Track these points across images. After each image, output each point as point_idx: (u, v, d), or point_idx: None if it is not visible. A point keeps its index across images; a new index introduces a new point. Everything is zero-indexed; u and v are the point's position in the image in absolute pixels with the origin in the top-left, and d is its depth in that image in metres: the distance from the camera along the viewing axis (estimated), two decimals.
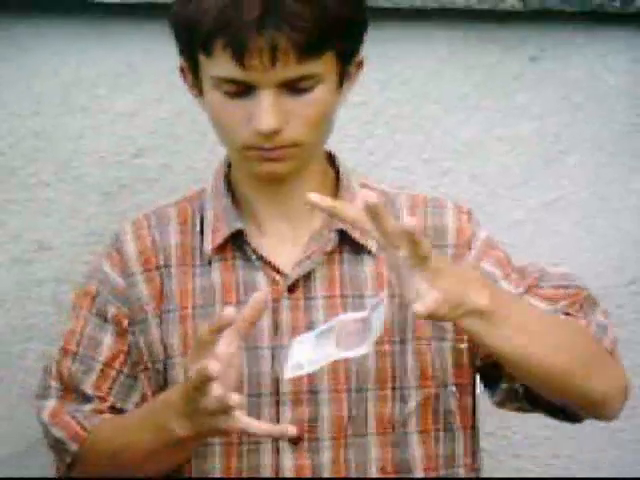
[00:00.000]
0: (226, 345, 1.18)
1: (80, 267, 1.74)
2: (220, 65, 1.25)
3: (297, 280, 1.32)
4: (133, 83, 1.76)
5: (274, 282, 1.32)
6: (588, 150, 1.93)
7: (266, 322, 1.31)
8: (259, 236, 1.35)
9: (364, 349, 1.16)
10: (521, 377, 1.29)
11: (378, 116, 1.84)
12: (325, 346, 1.17)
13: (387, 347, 1.32)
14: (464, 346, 1.35)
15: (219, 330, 1.14)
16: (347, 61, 1.31)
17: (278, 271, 1.32)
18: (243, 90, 1.26)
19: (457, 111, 1.88)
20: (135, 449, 1.28)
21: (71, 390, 1.38)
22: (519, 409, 1.38)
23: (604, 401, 1.30)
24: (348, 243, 1.33)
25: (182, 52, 1.33)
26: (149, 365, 1.36)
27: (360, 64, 1.36)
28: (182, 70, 1.36)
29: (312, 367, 1.17)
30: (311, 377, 1.29)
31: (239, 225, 1.33)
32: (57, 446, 1.38)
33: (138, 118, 1.76)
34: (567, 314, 1.33)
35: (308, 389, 1.31)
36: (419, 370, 1.33)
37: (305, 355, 1.17)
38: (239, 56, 1.22)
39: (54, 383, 1.39)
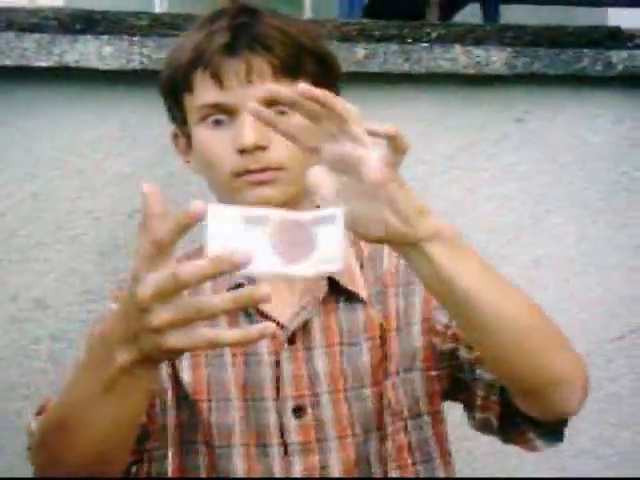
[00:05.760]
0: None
1: (76, 325, 1.76)
2: (202, 93, 1.32)
3: (295, 331, 1.34)
4: (128, 146, 1.79)
5: (274, 335, 1.33)
6: (574, 208, 1.96)
7: (268, 374, 1.33)
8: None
9: (309, 270, 1.02)
10: (484, 337, 1.16)
11: None
12: (258, 243, 1.00)
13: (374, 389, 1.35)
14: (434, 374, 1.37)
15: (184, 228, 0.98)
16: None
17: (277, 323, 1.34)
18: (226, 118, 1.31)
19: (445, 172, 1.91)
20: (79, 405, 1.11)
21: None
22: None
23: (571, 377, 1.20)
24: (341, 293, 1.36)
25: (171, 110, 1.40)
26: (162, 397, 1.34)
27: None
28: (174, 136, 1.42)
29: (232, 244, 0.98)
30: (318, 426, 1.32)
31: (238, 279, 1.35)
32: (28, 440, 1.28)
33: (133, 180, 1.78)
34: None
35: (316, 438, 1.33)
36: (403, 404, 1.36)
37: (233, 240, 0.99)
38: (217, 78, 1.29)
39: (54, 397, 1.27)
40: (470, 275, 1.10)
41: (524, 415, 1.28)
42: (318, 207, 1.36)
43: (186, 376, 1.34)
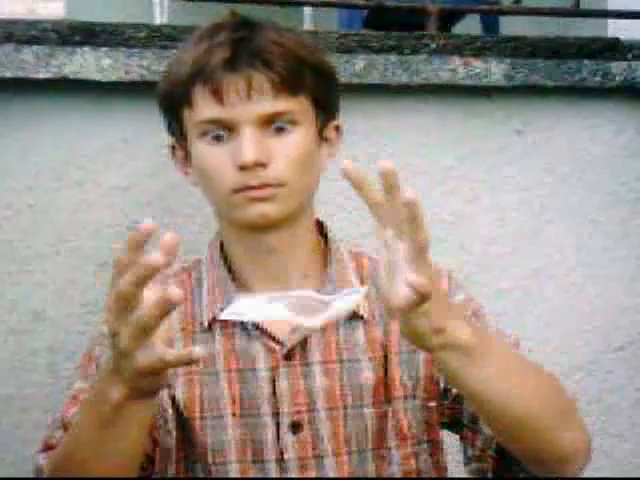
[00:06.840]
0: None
1: (75, 337, 1.75)
2: (202, 109, 1.31)
3: (293, 347, 1.34)
4: (127, 158, 1.78)
5: (271, 350, 1.34)
6: (573, 219, 1.96)
7: (266, 390, 1.33)
8: None
9: (316, 322, 1.07)
10: (492, 422, 1.21)
11: None
12: (276, 308, 1.09)
13: (377, 409, 1.35)
14: (433, 404, 1.37)
15: (137, 246, 1.02)
16: (323, 113, 1.37)
17: (274, 339, 1.34)
18: (226, 134, 1.31)
19: (444, 183, 1.91)
20: (81, 443, 1.16)
21: None
22: None
23: (574, 454, 1.25)
24: None
25: (169, 123, 1.40)
26: (164, 417, 1.34)
27: (338, 129, 1.41)
28: (172, 148, 1.42)
29: (253, 316, 1.10)
30: (315, 443, 1.32)
31: (233, 295, 1.34)
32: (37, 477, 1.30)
33: (132, 192, 1.78)
34: None
35: (313, 454, 1.33)
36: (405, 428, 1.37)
37: (250, 308, 1.09)
38: (217, 94, 1.29)
39: (59, 432, 1.31)
40: (479, 381, 1.11)
41: (519, 462, 1.28)
42: (318, 220, 1.37)
43: (180, 394, 1.34)
